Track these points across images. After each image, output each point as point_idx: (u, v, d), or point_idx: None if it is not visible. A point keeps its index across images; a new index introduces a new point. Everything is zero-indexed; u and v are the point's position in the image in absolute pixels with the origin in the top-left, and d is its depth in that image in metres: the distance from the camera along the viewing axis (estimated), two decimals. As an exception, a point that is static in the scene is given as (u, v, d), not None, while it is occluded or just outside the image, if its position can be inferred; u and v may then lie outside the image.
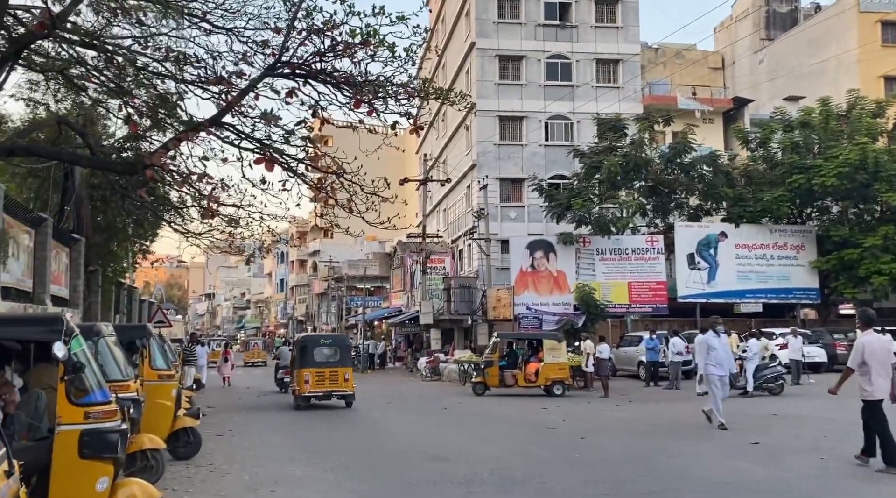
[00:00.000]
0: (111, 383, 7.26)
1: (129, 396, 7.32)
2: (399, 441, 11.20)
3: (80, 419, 4.61)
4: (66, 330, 4.60)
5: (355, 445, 10.79)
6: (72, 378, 4.59)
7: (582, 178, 29.09)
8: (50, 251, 15.59)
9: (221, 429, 12.67)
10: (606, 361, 19.85)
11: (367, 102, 14.30)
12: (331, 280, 59.45)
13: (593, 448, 10.19)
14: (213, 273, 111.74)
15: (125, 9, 15.77)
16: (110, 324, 7.96)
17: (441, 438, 11.48)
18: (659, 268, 28.93)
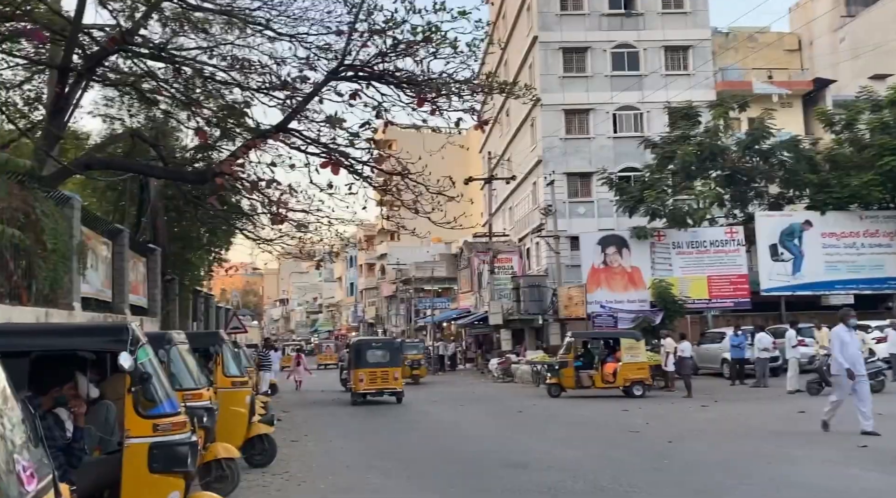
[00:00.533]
0: (184, 392, 7.18)
1: (203, 404, 7.21)
2: (475, 446, 10.84)
3: (148, 432, 4.43)
4: (131, 339, 4.43)
5: (431, 451, 10.49)
6: (139, 389, 4.42)
7: (654, 169, 28.08)
8: (127, 261, 15.93)
9: (297, 434, 12.60)
10: (689, 360, 18.96)
11: (431, 100, 14.02)
12: (398, 283, 59.71)
13: (682, 453, 9.56)
14: (286, 279, 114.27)
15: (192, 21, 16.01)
16: (182, 331, 7.89)
17: (518, 443, 11.06)
18: (739, 260, 27.61)
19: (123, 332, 4.45)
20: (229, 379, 9.02)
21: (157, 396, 4.65)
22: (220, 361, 8.95)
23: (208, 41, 15.62)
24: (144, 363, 4.57)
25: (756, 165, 28.03)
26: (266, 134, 14.36)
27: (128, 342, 4.40)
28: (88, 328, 4.95)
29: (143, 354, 4.57)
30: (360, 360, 18.84)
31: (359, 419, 15.23)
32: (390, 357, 19.09)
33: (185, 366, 7.46)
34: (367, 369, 18.67)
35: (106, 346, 4.51)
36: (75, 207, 12.12)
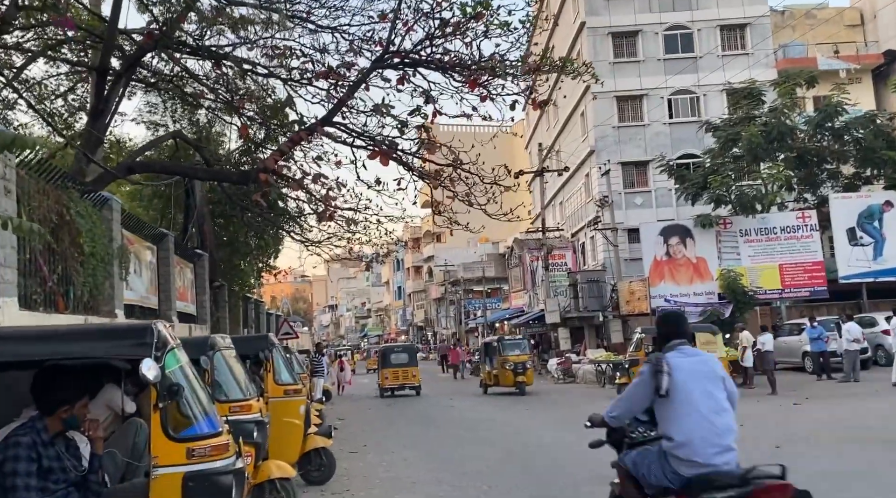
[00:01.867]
0: (230, 403, 6.27)
1: (252, 417, 6.30)
2: (552, 456, 9.73)
3: (181, 459, 3.48)
4: (157, 342, 3.49)
5: (502, 462, 9.42)
6: (168, 405, 3.47)
7: (717, 153, 26.47)
8: (173, 267, 15.30)
9: (355, 444, 11.68)
10: (771, 354, 17.45)
11: (482, 84, 12.96)
12: (447, 284, 58.80)
13: (803, 461, 8.26)
14: (335, 284, 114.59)
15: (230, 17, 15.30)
16: (227, 335, 7.01)
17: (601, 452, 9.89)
18: (814, 247, 25.80)
19: (146, 333, 3.52)
20: (281, 387, 8.12)
21: (191, 413, 3.71)
22: (270, 367, 8.05)
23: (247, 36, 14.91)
24: (174, 372, 3.63)
25: (828, 145, 26.20)
26: (311, 128, 13.47)
27: (152, 346, 3.47)
28: (102, 331, 4.04)
29: (172, 361, 3.63)
30: (385, 362, 23.63)
31: (420, 427, 14.24)
32: (408, 359, 23.51)
33: (232, 374, 6.57)
34: (391, 369, 23.27)
35: (125, 351, 3.58)
36: (114, 209, 11.46)
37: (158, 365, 3.45)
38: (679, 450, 3.80)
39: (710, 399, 3.85)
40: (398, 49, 12.66)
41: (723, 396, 3.90)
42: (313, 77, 13.47)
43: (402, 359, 23.37)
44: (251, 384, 6.87)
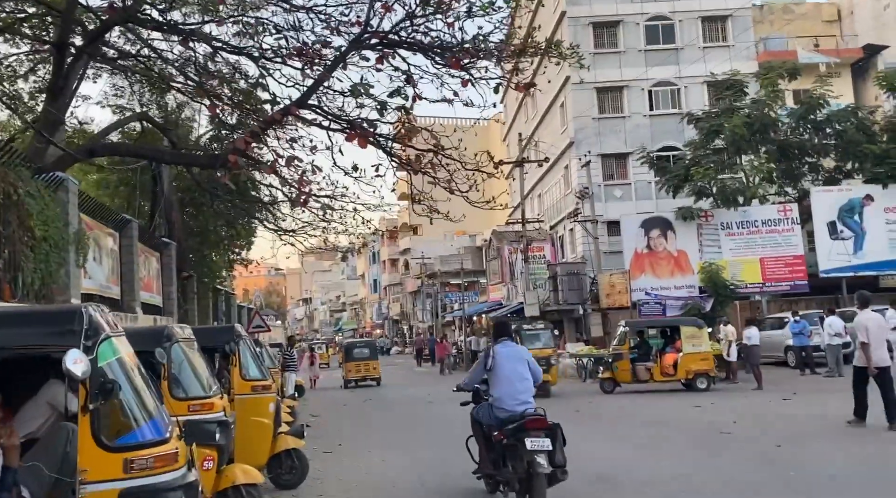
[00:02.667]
0: (190, 401, 5.61)
1: (214, 416, 5.64)
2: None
3: (116, 473, 2.84)
4: (87, 330, 2.82)
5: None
6: (100, 407, 2.80)
7: (698, 145, 26.13)
8: (137, 255, 14.50)
9: (329, 443, 11.01)
10: (758, 348, 17.12)
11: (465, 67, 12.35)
12: (424, 277, 58.12)
13: (808, 461, 7.80)
14: (309, 277, 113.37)
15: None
16: (187, 326, 6.32)
17: (593, 450, 9.35)
18: (795, 240, 25.60)
19: (73, 318, 2.86)
20: (249, 383, 7.43)
21: (131, 416, 3.05)
22: (237, 361, 7.36)
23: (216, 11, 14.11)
24: (111, 366, 2.97)
25: (809, 138, 26.00)
26: (285, 110, 12.72)
27: (81, 334, 2.80)
28: (17, 315, 3.32)
29: (107, 352, 2.96)
30: (349, 356, 26.19)
31: (398, 425, 13.59)
32: (370, 353, 26.11)
33: (192, 368, 5.89)
34: (353, 363, 25.63)
35: (46, 340, 2.90)
36: (71, 191, 10.65)
37: (89, 357, 2.78)
38: (496, 402, 6.55)
39: (515, 373, 6.53)
40: (377, 29, 12.00)
41: (526, 371, 6.59)
42: (287, 55, 12.73)
43: (364, 353, 26.04)
44: (214, 380, 6.18)
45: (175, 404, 5.51)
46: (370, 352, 26.21)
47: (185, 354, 5.81)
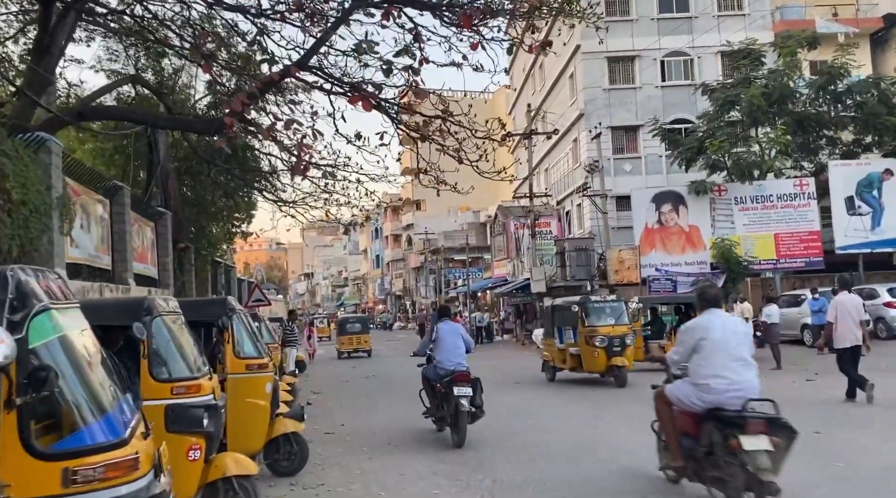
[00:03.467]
0: (174, 383, 4.94)
1: (201, 400, 4.97)
2: (564, 440, 8.53)
3: (53, 488, 2.14)
4: (13, 301, 2.11)
5: (510, 449, 8.18)
6: (30, 401, 2.10)
7: (712, 117, 25.24)
8: (129, 224, 13.77)
9: (331, 424, 10.41)
10: (777, 327, 16.44)
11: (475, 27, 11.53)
12: (427, 252, 57.45)
13: (854, 451, 7.15)
14: (311, 252, 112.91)
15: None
16: (173, 298, 5.62)
17: (616, 435, 8.74)
18: (811, 216, 24.84)
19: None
20: (243, 361, 6.76)
21: (76, 413, 2.34)
22: (230, 337, 6.68)
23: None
24: (48, 347, 2.26)
25: (828, 110, 25.11)
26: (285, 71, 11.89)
27: (3, 306, 2.08)
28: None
29: (44, 329, 2.25)
30: (342, 330, 28.90)
31: (406, 405, 12.95)
32: (361, 328, 28.51)
33: (177, 345, 5.21)
34: (346, 336, 28.22)
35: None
36: (54, 152, 9.90)
37: (15, 336, 2.08)
38: (439, 363, 8.68)
39: (452, 342, 8.69)
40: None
41: (459, 341, 8.77)
42: (287, 10, 11.89)
43: (356, 328, 28.47)
44: (203, 358, 5.50)
45: (156, 387, 4.85)
46: (362, 326, 28.63)
47: (168, 330, 5.12)
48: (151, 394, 4.82)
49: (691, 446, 5.36)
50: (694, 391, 5.28)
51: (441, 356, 8.71)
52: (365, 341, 27.88)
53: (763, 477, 4.76)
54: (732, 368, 5.19)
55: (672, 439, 5.57)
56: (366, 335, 28.18)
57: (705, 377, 5.20)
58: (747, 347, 5.37)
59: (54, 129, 12.90)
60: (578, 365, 14.38)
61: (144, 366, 4.83)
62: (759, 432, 4.82)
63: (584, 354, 14.00)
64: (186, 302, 6.22)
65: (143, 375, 4.86)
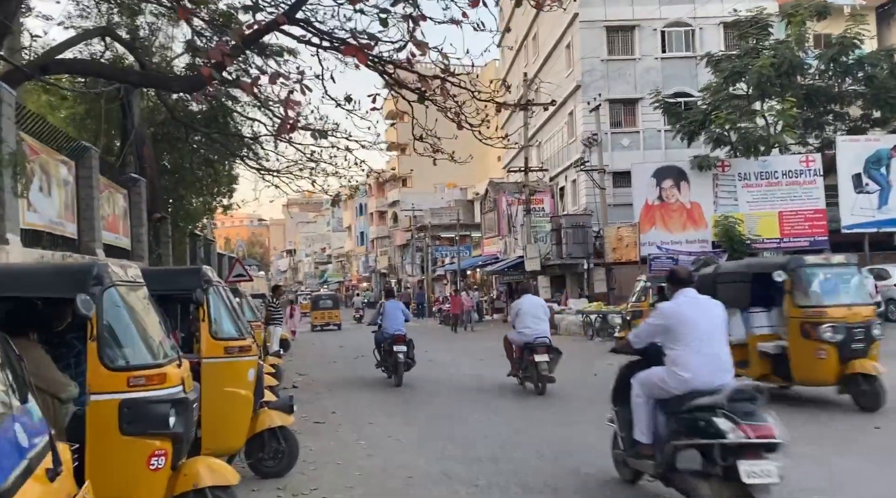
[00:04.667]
0: (131, 372, 3.84)
1: (166, 393, 3.87)
2: (581, 433, 7.55)
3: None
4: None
5: (520, 443, 7.18)
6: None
7: (717, 88, 24.22)
8: (98, 189, 12.53)
9: (321, 411, 9.35)
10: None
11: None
12: (413, 230, 56.24)
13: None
14: (293, 229, 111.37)
15: None
16: (134, 264, 4.49)
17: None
18: (816, 193, 24.01)
19: None
20: (221, 343, 5.63)
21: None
22: (205, 315, 5.55)
23: None
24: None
25: (836, 83, 24.18)
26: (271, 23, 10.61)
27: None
28: None
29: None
30: (315, 306, 33.07)
31: (392, 390, 11.93)
32: (333, 304, 32.90)
33: (136, 324, 4.07)
34: (319, 311, 32.19)
35: None
36: (4, 101, 8.66)
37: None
38: (385, 329, 12.16)
39: (395, 314, 12.13)
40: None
41: (400, 314, 12.16)
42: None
43: (328, 304, 32.82)
44: (170, 340, 4.38)
45: (108, 377, 3.74)
46: (333, 303, 33.05)
47: (125, 304, 3.99)
48: (102, 386, 3.73)
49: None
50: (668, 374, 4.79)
51: (386, 324, 12.05)
52: (336, 316, 31.90)
53: None
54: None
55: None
56: (336, 311, 32.29)
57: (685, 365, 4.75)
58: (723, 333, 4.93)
59: (14, 85, 11.60)
60: (777, 372, 8.73)
61: (92, 350, 3.72)
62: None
63: (795, 354, 8.39)
64: (153, 271, 5.12)
65: (92, 362, 3.74)
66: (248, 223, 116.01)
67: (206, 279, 5.55)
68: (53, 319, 4.36)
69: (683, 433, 4.51)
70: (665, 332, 4.85)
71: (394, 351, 11.63)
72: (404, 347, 11.71)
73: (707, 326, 4.80)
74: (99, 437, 3.63)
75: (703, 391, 4.54)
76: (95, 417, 3.65)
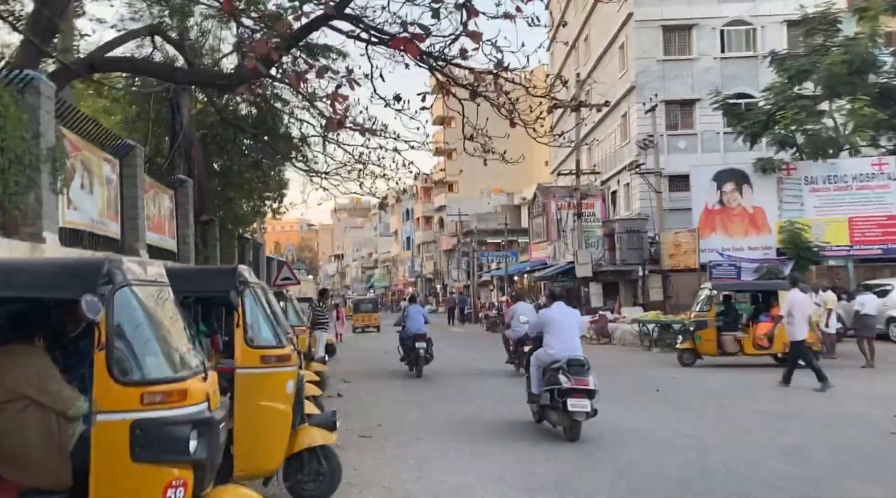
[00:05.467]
0: (145, 387, 3.29)
1: (188, 412, 3.33)
2: (670, 453, 6.81)
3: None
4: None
5: (600, 467, 6.47)
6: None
7: (781, 88, 22.99)
8: (143, 189, 12.28)
9: (366, 422, 8.78)
10: (872, 319, 14.47)
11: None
12: (460, 234, 55.69)
13: None
14: (342, 234, 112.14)
15: None
16: (156, 262, 3.98)
17: (705, 444, 6.99)
18: (889, 198, 22.58)
19: None
20: (257, 351, 5.10)
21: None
22: (240, 320, 5.03)
23: None
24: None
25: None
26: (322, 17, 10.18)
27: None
28: None
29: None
30: (357, 310, 35.26)
31: (448, 396, 11.31)
32: (372, 308, 35.48)
33: (155, 330, 3.53)
34: (360, 314, 34.31)
35: None
36: (44, 94, 8.33)
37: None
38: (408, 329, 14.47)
39: (416, 317, 14.34)
40: None
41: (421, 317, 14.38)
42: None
43: (368, 307, 35.39)
44: (196, 348, 3.85)
45: (117, 392, 3.20)
46: (373, 307, 35.63)
47: (141, 306, 3.46)
48: (111, 403, 3.19)
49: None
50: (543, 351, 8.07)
51: (409, 325, 14.20)
52: (374, 319, 33.65)
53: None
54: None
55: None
56: (375, 314, 34.22)
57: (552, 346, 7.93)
58: (577, 328, 8.32)
59: (62, 83, 11.41)
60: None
61: (100, 360, 3.19)
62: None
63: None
64: (182, 270, 4.65)
65: (99, 375, 3.21)
66: (297, 228, 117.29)
67: (241, 280, 5.02)
68: (68, 323, 3.87)
69: (546, 384, 7.67)
70: (544, 326, 8.16)
71: (416, 346, 13.83)
72: (424, 344, 13.86)
73: (567, 324, 8.00)
74: (106, 464, 3.11)
75: (558, 360, 7.64)
76: (102, 441, 3.12)
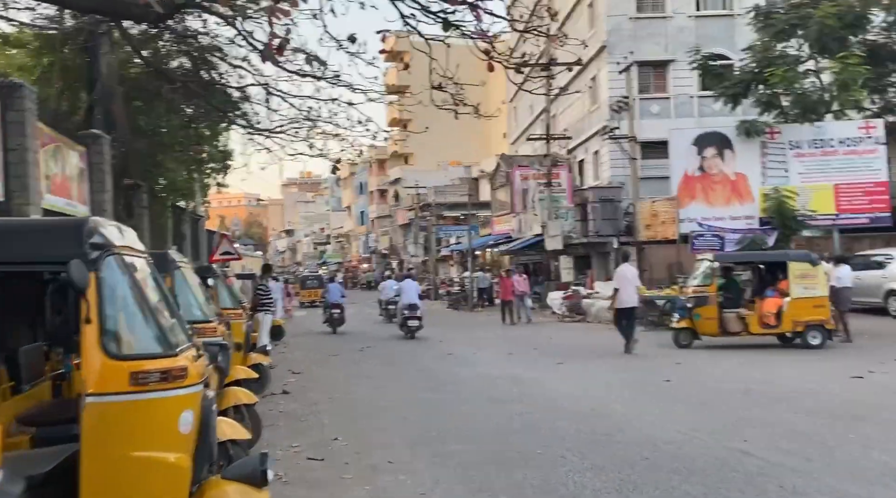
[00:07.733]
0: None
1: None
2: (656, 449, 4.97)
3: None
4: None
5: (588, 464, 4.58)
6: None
7: (763, 46, 21.43)
8: (35, 139, 9.90)
9: (319, 435, 6.74)
10: (847, 290, 13.21)
11: None
12: (417, 208, 53.48)
13: None
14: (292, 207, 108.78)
15: None
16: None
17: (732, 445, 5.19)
18: (877, 164, 21.32)
19: None
20: (124, 364, 2.94)
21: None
22: (90, 310, 2.89)
23: None
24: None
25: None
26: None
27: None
28: None
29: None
30: (304, 286, 37.99)
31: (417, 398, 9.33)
32: (318, 284, 36.32)
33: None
34: (306, 290, 37.02)
35: None
36: None
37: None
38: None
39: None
40: None
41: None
42: None
43: (314, 284, 37.18)
44: None
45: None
46: (318, 283, 36.63)
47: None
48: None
49: None
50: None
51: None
52: (319, 294, 33.75)
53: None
54: None
55: None
56: (320, 290, 34.37)
57: None
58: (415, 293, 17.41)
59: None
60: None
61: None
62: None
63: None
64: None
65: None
66: (245, 203, 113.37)
67: (95, 242, 2.88)
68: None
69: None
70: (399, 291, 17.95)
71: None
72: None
73: (408, 289, 17.51)
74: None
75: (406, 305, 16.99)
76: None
